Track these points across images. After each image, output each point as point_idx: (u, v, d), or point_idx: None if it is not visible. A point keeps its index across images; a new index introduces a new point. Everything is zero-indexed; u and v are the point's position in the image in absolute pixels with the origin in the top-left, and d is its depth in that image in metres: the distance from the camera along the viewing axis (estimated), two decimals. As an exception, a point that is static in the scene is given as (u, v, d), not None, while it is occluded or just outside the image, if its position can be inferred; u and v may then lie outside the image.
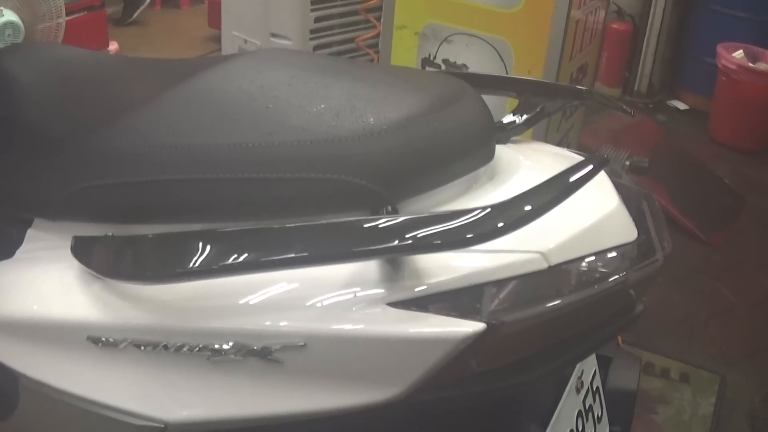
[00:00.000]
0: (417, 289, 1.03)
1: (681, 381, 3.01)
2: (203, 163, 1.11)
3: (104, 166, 1.16)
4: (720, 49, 5.12)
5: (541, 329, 1.04)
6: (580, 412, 1.34)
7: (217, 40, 5.78)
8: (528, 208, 0.95)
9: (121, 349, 1.09)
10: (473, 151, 1.20)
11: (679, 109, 5.68)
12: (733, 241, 4.04)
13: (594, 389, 1.43)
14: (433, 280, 1.03)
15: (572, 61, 3.01)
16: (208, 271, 1.00)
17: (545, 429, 1.24)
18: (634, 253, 1.16)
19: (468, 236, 0.94)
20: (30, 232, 1.25)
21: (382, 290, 1.03)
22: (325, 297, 1.04)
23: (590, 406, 1.40)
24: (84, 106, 1.26)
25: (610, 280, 1.09)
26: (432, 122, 1.15)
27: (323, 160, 1.09)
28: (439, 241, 0.95)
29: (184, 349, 1.06)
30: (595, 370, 1.44)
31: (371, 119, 1.12)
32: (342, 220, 1.02)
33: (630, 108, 1.56)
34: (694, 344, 3.24)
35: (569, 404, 1.30)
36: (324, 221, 1.02)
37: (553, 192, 0.97)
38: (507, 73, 2.92)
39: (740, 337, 3.30)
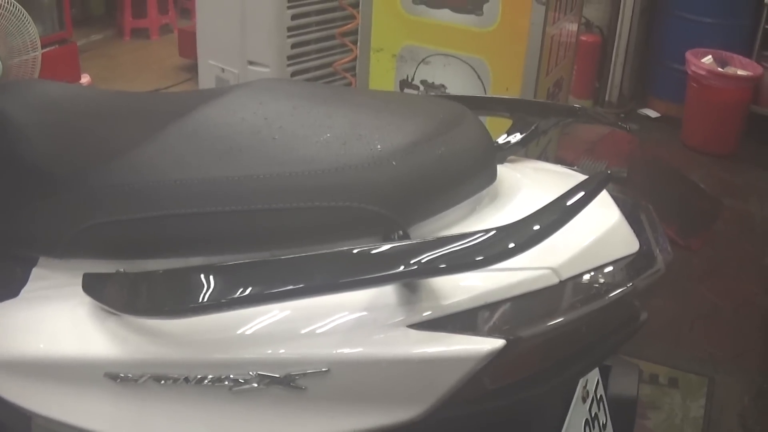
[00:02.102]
0: (435, 310, 1.05)
1: (670, 386, 3.04)
2: (214, 196, 1.12)
3: (113, 203, 1.17)
4: (689, 55, 5.19)
5: (556, 342, 1.07)
6: (587, 420, 1.37)
7: (189, 69, 5.82)
8: (540, 227, 0.98)
9: (140, 384, 1.09)
10: (477, 173, 1.23)
11: (650, 117, 5.73)
12: (712, 245, 4.09)
13: (598, 398, 1.45)
14: (450, 301, 1.05)
15: (548, 77, 3.05)
16: (227, 303, 1.02)
17: (557, 441, 1.27)
18: (637, 264, 1.20)
19: (486, 257, 0.96)
20: (35, 270, 1.25)
21: (401, 313, 1.05)
22: (345, 322, 1.06)
23: (596, 414, 1.42)
24: (86, 143, 1.26)
25: (619, 291, 1.12)
26: (438, 146, 1.17)
27: (335, 189, 1.11)
28: (458, 263, 0.98)
29: (206, 381, 1.07)
30: (598, 379, 1.47)
31: (379, 146, 1.14)
32: (359, 247, 1.03)
33: (627, 125, 1.59)
34: (681, 348, 3.27)
35: (577, 414, 1.33)
36: (340, 249, 1.04)
37: (562, 211, 1.00)
38: (485, 91, 2.96)
39: (726, 339, 3.33)
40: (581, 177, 1.36)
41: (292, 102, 1.26)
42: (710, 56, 5.22)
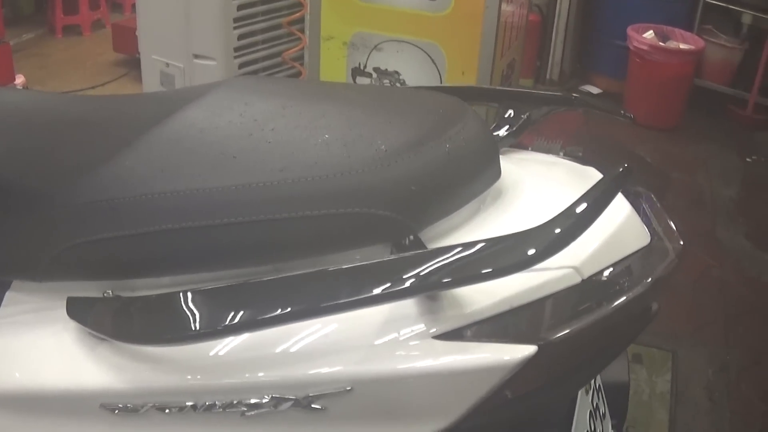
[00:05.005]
0: (460, 319, 1.00)
1: (634, 362, 3.05)
2: (210, 208, 1.04)
3: (96, 220, 1.07)
4: (630, 31, 5.23)
5: (583, 342, 1.03)
6: (590, 412, 1.35)
7: (124, 64, 5.72)
8: (570, 228, 0.94)
9: (141, 414, 1.01)
10: (484, 170, 1.19)
11: (592, 94, 5.77)
12: (663, 219, 4.11)
13: (597, 388, 1.43)
14: (474, 308, 1.00)
15: (503, 59, 3.03)
16: (238, 327, 0.95)
17: (569, 434, 1.24)
18: (651, 257, 1.17)
19: (518, 262, 0.93)
20: (9, 294, 1.15)
21: (424, 324, 1.00)
22: (367, 337, 1.00)
23: (597, 404, 1.40)
24: (59, 155, 1.15)
25: (641, 286, 1.09)
26: (443, 144, 1.12)
27: (342, 195, 1.04)
28: (491, 270, 0.93)
29: (216, 408, 1.00)
30: (596, 370, 1.45)
31: (383, 147, 1.08)
32: (377, 260, 0.99)
33: (629, 113, 1.56)
34: (642, 324, 3.28)
35: (582, 406, 1.30)
36: (360, 263, 0.98)
37: (589, 210, 0.96)
38: (441, 76, 2.94)
39: (686, 313, 3.35)
40: (577, 166, 1.35)
41: (280, 101, 1.19)
42: (651, 31, 5.26)
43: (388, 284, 0.94)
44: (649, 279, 1.11)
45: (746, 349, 3.18)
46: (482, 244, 0.96)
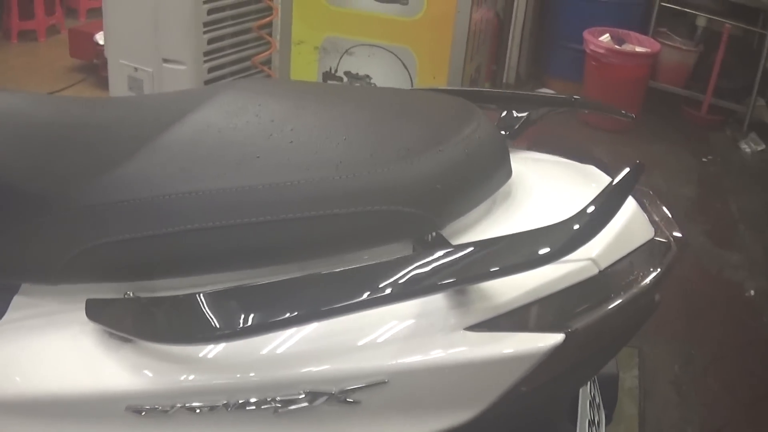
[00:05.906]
0: (489, 310, 1.02)
1: (601, 359, 3.09)
2: (237, 207, 1.05)
3: (119, 221, 1.06)
4: (586, 34, 5.31)
5: (603, 330, 1.07)
6: (590, 402, 1.39)
7: (81, 70, 5.65)
8: (591, 222, 0.98)
9: (170, 414, 1.00)
10: (497, 168, 1.22)
11: (548, 96, 5.80)
12: (623, 218, 4.16)
13: (593, 379, 1.48)
14: (502, 300, 1.03)
15: (472, 63, 3.08)
16: (271, 325, 0.96)
17: (575, 425, 1.28)
18: (657, 249, 1.22)
19: (546, 254, 0.96)
20: (16, 298, 1.13)
21: (456, 316, 1.02)
22: (401, 330, 1.02)
23: (593, 395, 1.44)
24: (72, 156, 1.13)
25: (650, 276, 1.14)
26: (461, 144, 1.16)
27: (369, 192, 1.07)
28: (522, 262, 0.97)
29: (249, 406, 1.00)
30: (591, 361, 1.49)
31: (405, 146, 1.12)
32: (412, 256, 1.01)
33: (629, 112, 1.60)
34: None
35: (583, 397, 1.35)
36: (397, 258, 1.00)
37: (611, 203, 1.00)
38: (411, 81, 2.97)
39: (648, 309, 3.40)
40: (577, 165, 1.40)
41: (292, 102, 1.22)
42: (608, 35, 5.34)
43: (425, 279, 0.97)
44: (658, 270, 1.16)
45: (710, 343, 3.25)
46: (511, 239, 1.00)
